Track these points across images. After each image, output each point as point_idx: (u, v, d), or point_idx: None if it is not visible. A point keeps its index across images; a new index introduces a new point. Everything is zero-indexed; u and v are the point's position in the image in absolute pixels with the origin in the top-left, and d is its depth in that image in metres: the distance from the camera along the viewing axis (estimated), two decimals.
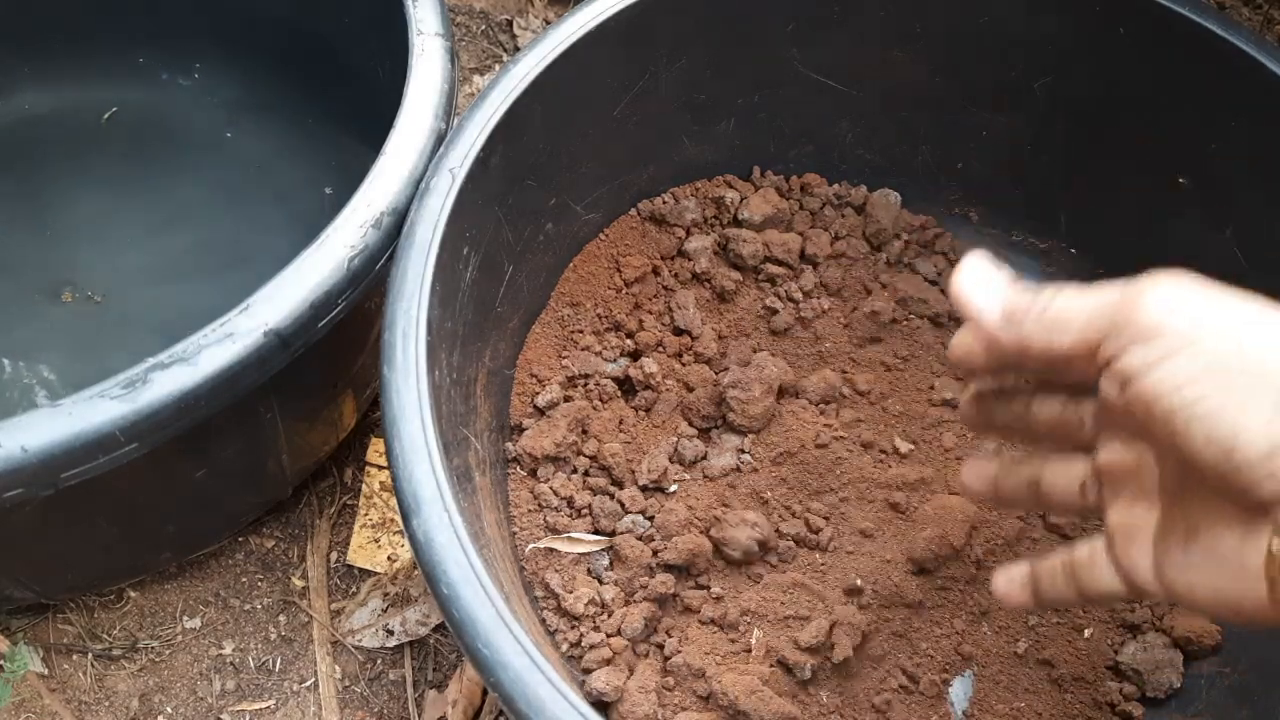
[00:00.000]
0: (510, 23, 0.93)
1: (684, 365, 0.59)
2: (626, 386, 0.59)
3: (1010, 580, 0.40)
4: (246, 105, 0.79)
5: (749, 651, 0.51)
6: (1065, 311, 0.32)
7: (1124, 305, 0.30)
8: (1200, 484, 0.31)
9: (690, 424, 0.58)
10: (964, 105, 0.63)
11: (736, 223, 0.64)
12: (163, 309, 0.69)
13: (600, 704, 0.48)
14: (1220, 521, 0.30)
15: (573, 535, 0.53)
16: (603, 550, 0.54)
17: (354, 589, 0.64)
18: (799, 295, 0.62)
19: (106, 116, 0.79)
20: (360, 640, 0.62)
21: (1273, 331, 0.28)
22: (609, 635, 0.50)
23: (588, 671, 0.49)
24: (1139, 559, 0.34)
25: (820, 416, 0.58)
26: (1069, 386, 0.38)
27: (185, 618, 0.63)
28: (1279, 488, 0.27)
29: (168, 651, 0.62)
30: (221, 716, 0.60)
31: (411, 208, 0.47)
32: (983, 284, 0.35)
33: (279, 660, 0.62)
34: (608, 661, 0.49)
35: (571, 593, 0.51)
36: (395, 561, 0.65)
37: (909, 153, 0.66)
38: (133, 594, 0.63)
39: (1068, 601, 0.38)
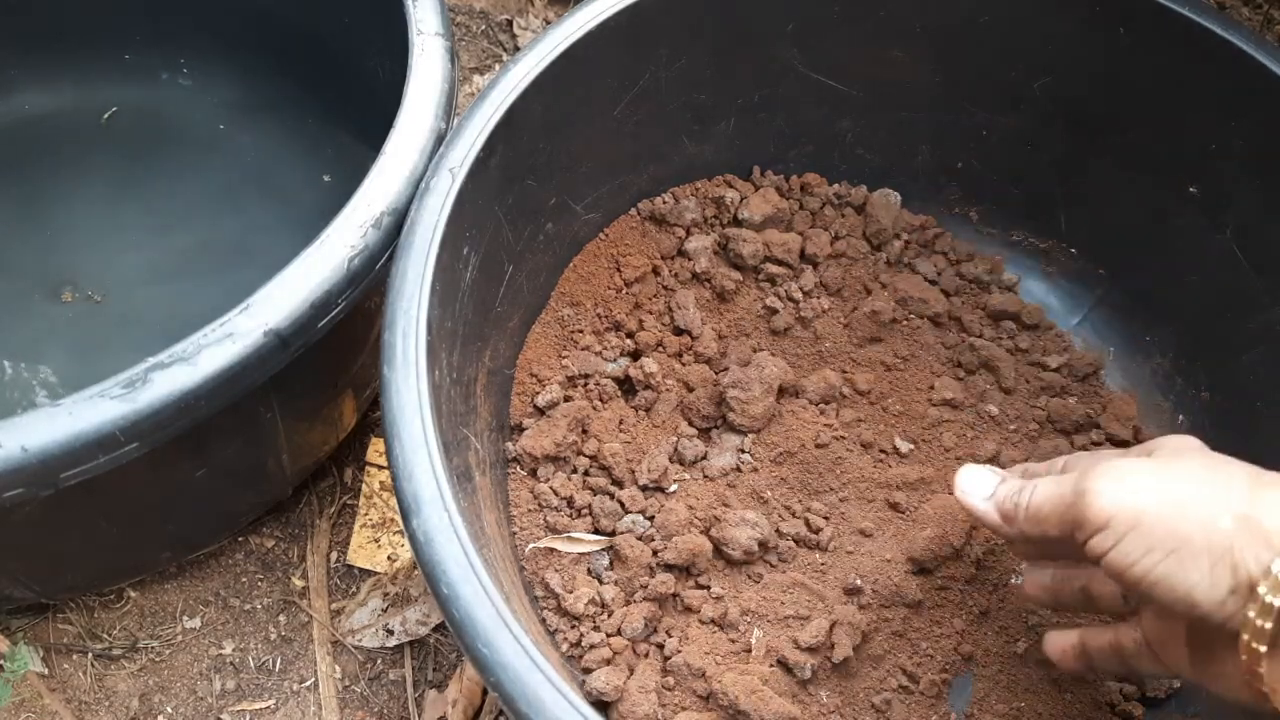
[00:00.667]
0: (510, 23, 0.93)
1: (684, 365, 0.59)
2: (626, 386, 0.59)
3: (1064, 651, 0.46)
4: (246, 105, 0.79)
5: (749, 651, 0.51)
6: (1040, 509, 0.39)
7: (1076, 505, 0.36)
8: None
9: (690, 424, 0.58)
10: (964, 105, 0.63)
11: (736, 222, 0.64)
12: (163, 309, 0.70)
13: (600, 704, 0.48)
14: (1220, 640, 0.36)
15: (573, 535, 0.53)
16: (603, 550, 0.54)
17: (354, 589, 0.64)
18: (799, 295, 0.62)
19: (106, 116, 0.79)
20: (360, 640, 0.62)
21: (1195, 508, 0.34)
22: (609, 635, 0.50)
23: (588, 671, 0.49)
24: (1176, 660, 0.40)
25: (820, 416, 0.58)
26: None
27: (185, 618, 0.63)
28: (1234, 626, 0.33)
29: (168, 651, 0.62)
30: (221, 716, 0.60)
31: (411, 208, 0.47)
32: (977, 491, 0.44)
33: (279, 660, 0.62)
34: (608, 661, 0.49)
35: (571, 592, 0.51)
36: (395, 561, 0.65)
37: (909, 153, 0.66)
38: (133, 594, 0.63)
39: (1122, 675, 0.47)
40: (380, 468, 0.68)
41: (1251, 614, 0.32)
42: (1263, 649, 0.32)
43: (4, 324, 0.68)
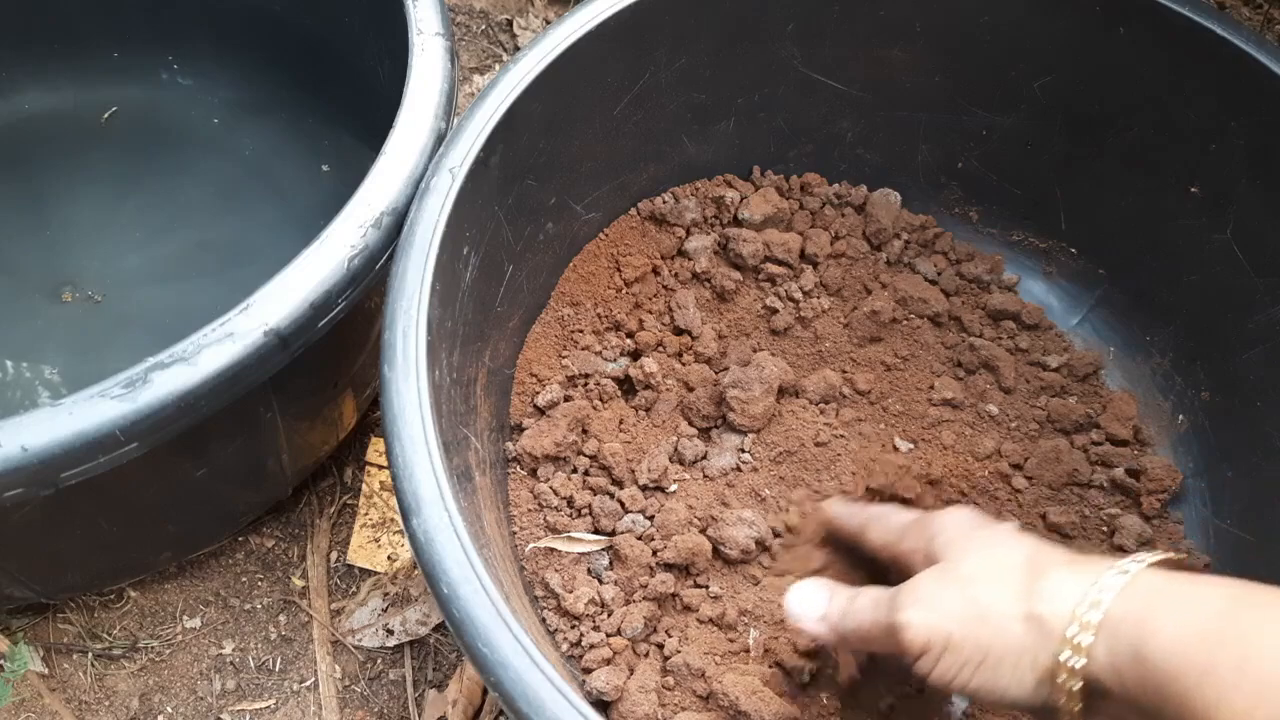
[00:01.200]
0: (510, 23, 0.93)
1: (684, 365, 0.59)
2: (626, 386, 0.59)
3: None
4: (246, 105, 0.79)
5: (748, 651, 0.51)
6: (865, 633, 0.42)
7: (893, 635, 0.40)
8: None
9: (690, 424, 0.58)
10: (964, 105, 0.63)
11: (736, 222, 0.64)
12: (163, 309, 0.70)
13: (600, 704, 0.48)
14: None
15: (573, 535, 0.53)
16: (602, 550, 0.53)
17: (354, 589, 0.64)
18: (799, 295, 0.62)
19: (106, 116, 0.79)
20: (360, 640, 0.62)
21: (990, 621, 0.38)
22: (609, 635, 0.50)
23: (588, 671, 0.49)
24: None
25: (820, 416, 0.58)
26: None
27: (185, 617, 0.63)
28: (1054, 705, 0.36)
29: (168, 651, 0.62)
30: (221, 716, 0.60)
31: (411, 208, 0.47)
32: (809, 613, 0.45)
33: (279, 660, 0.62)
34: (608, 661, 0.49)
35: (571, 592, 0.51)
36: (395, 561, 0.65)
37: (909, 153, 0.66)
38: (133, 594, 0.63)
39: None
40: (380, 468, 0.68)
41: (1060, 699, 0.36)
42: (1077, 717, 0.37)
43: (4, 324, 0.68)
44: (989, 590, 0.39)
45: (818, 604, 0.45)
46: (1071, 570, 0.38)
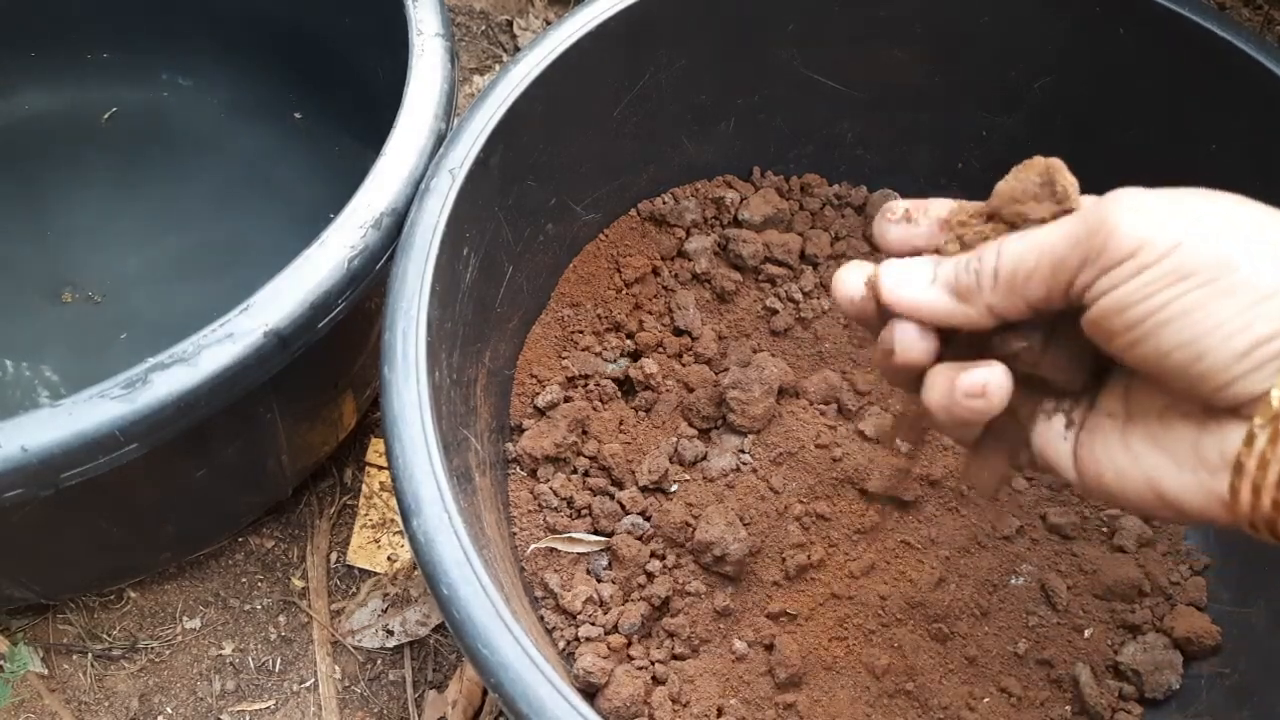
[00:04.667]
0: (510, 23, 0.93)
1: (684, 366, 0.59)
2: (626, 387, 0.59)
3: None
4: (246, 105, 0.79)
5: (743, 660, 0.51)
6: (1022, 266, 0.31)
7: (1098, 234, 0.29)
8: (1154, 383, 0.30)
9: (690, 424, 0.58)
10: (964, 105, 0.63)
11: (736, 223, 0.64)
12: (163, 309, 0.70)
13: (588, 693, 0.48)
14: (1174, 412, 0.30)
15: (572, 535, 0.53)
16: (602, 550, 0.54)
17: (354, 589, 0.64)
18: (799, 296, 0.62)
19: (106, 116, 0.79)
20: (360, 640, 0.62)
21: (1251, 239, 0.28)
22: (606, 632, 0.50)
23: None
24: (1054, 441, 0.33)
25: (820, 417, 0.58)
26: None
27: (185, 618, 0.63)
28: (1234, 394, 0.27)
29: (168, 651, 0.62)
30: (221, 717, 0.60)
31: (411, 208, 0.47)
32: (912, 281, 0.33)
33: (279, 660, 0.62)
34: (604, 658, 0.49)
35: (570, 591, 0.51)
36: (395, 561, 0.65)
37: (909, 153, 0.66)
38: (133, 594, 0.63)
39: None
40: (380, 468, 0.68)
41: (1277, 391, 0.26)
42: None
43: (4, 324, 0.68)
44: (1247, 211, 0.29)
45: (921, 269, 0.33)
46: None
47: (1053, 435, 0.34)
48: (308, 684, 0.61)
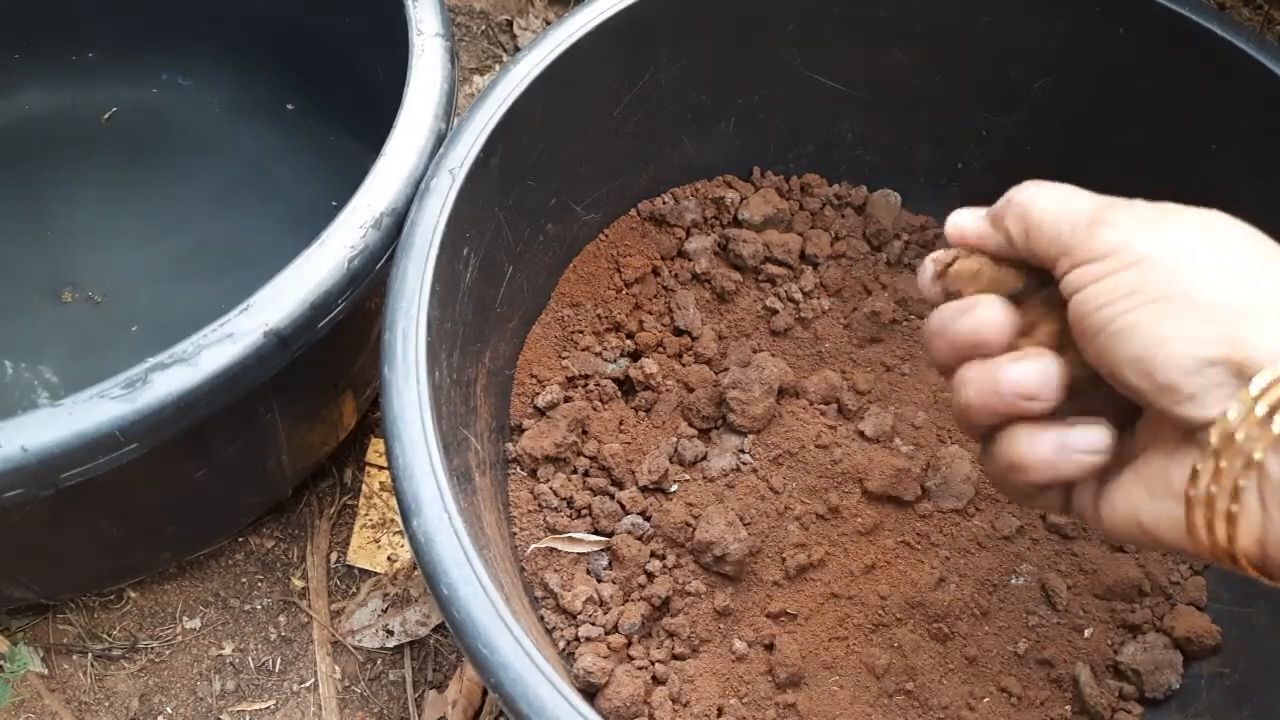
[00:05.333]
0: (510, 23, 0.93)
1: (684, 366, 0.59)
2: (626, 387, 0.59)
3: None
4: (246, 105, 0.79)
5: (742, 660, 0.51)
6: (1044, 216, 0.32)
7: (1086, 230, 0.30)
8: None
9: (690, 424, 0.58)
10: (964, 105, 0.63)
11: (736, 223, 0.64)
12: (163, 309, 0.69)
13: (588, 693, 0.48)
14: (1154, 440, 0.30)
15: (573, 535, 0.53)
16: (602, 550, 0.54)
17: (354, 589, 0.64)
18: (799, 295, 0.62)
19: (106, 116, 0.79)
20: (360, 640, 0.62)
21: (1215, 267, 0.28)
22: (606, 632, 0.50)
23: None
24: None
25: (821, 417, 0.58)
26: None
27: (185, 618, 0.63)
28: (1187, 415, 0.27)
29: (168, 651, 0.62)
30: (221, 717, 0.60)
31: (411, 208, 0.47)
32: (967, 218, 0.35)
33: (279, 660, 0.62)
34: (604, 658, 0.49)
35: (570, 591, 0.51)
36: (395, 561, 0.65)
37: (909, 153, 0.66)
38: (133, 594, 0.63)
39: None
40: (380, 468, 0.68)
41: (1230, 413, 0.26)
42: (1248, 464, 0.26)
43: (4, 324, 0.68)
44: (1231, 243, 0.29)
45: (975, 212, 0.35)
46: None
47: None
48: (308, 684, 0.61)
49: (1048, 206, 0.32)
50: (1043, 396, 0.31)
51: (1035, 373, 0.31)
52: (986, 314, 0.33)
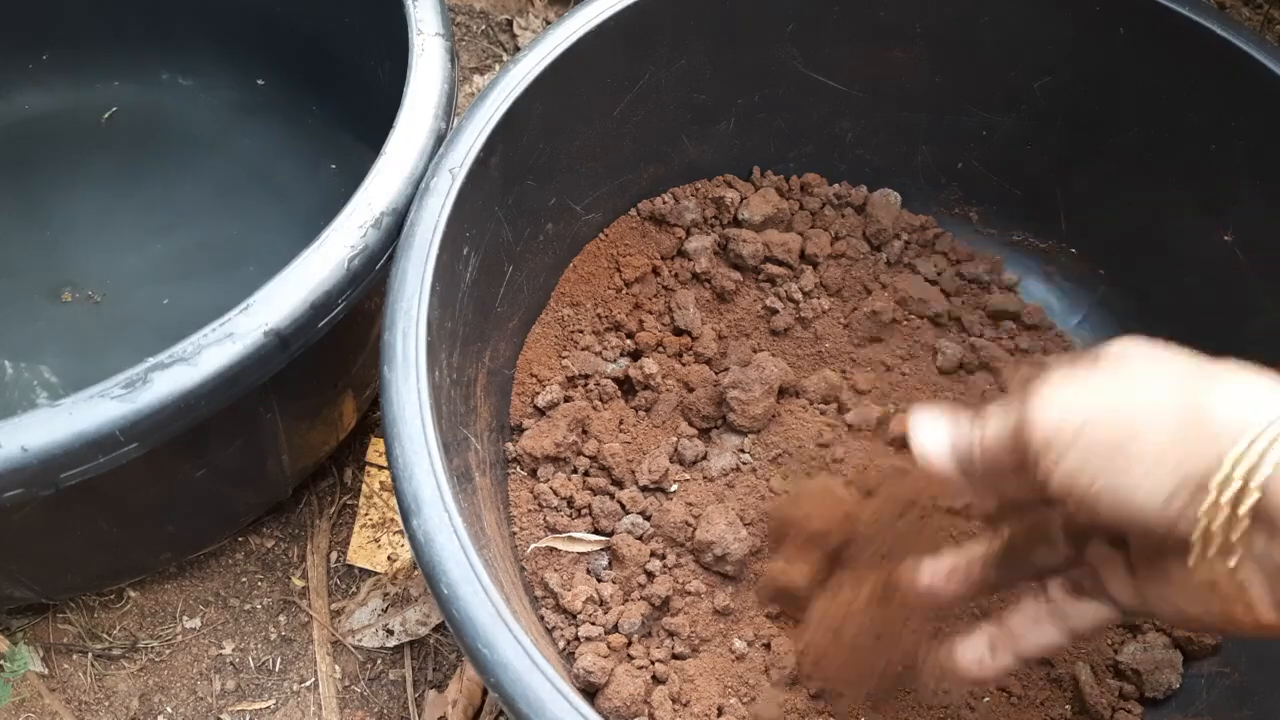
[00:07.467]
0: (510, 23, 0.93)
1: (684, 365, 0.59)
2: (626, 387, 0.59)
3: (980, 659, 0.41)
4: (246, 105, 0.79)
5: (742, 660, 0.51)
6: (994, 450, 0.35)
7: (1020, 430, 0.33)
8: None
9: (690, 424, 0.58)
10: (964, 105, 0.63)
11: (736, 223, 0.64)
12: (163, 309, 0.70)
13: (589, 691, 0.48)
14: (1166, 553, 0.33)
15: (573, 535, 0.53)
16: (602, 550, 0.54)
17: (354, 589, 0.64)
18: (799, 295, 0.62)
19: (106, 116, 0.79)
20: (360, 640, 0.62)
21: (1137, 411, 0.31)
22: (606, 632, 0.50)
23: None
24: (1119, 586, 0.37)
25: (820, 416, 0.58)
26: None
27: (185, 618, 0.63)
28: (1180, 533, 0.30)
29: (168, 651, 0.62)
30: (221, 716, 0.60)
31: (411, 208, 0.47)
32: (937, 443, 0.37)
33: (279, 660, 0.62)
34: (604, 658, 0.49)
35: (570, 590, 0.51)
36: (395, 561, 0.65)
37: (909, 153, 0.66)
38: (133, 594, 0.63)
39: (1057, 646, 0.40)
40: (380, 468, 0.68)
41: (1202, 518, 0.29)
42: (1229, 550, 0.29)
43: (4, 324, 0.68)
44: (1139, 376, 0.32)
45: (942, 432, 0.37)
46: (1260, 375, 0.31)
47: (1117, 582, 0.38)
48: (308, 683, 0.61)
49: (992, 439, 0.35)
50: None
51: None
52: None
